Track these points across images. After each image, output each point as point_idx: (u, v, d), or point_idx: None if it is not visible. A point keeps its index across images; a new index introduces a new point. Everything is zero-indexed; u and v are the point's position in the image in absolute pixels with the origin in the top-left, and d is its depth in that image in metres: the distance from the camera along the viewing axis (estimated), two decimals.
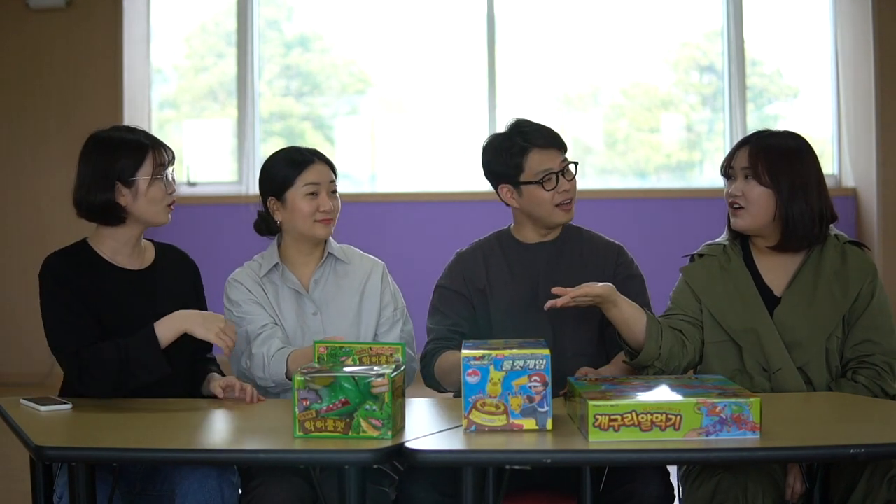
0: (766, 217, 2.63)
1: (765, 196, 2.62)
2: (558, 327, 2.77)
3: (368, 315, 2.87)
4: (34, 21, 6.30)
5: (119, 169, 2.60)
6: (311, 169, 2.84)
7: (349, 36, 6.85)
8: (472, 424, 2.17)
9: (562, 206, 2.80)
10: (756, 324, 2.61)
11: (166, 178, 2.65)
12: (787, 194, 2.61)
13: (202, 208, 6.31)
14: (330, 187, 2.85)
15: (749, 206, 2.64)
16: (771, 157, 2.63)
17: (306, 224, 2.81)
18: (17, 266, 6.26)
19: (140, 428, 2.35)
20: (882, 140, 6.17)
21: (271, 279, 2.86)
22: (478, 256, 2.89)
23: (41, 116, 6.31)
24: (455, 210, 6.40)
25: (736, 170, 2.67)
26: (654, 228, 6.25)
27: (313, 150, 2.91)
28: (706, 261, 2.73)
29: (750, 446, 2.05)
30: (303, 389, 2.14)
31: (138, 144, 2.63)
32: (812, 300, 2.62)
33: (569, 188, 2.81)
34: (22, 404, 2.53)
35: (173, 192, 2.68)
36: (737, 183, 2.66)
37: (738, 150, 2.69)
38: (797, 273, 2.66)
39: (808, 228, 2.62)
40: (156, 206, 2.63)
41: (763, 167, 2.62)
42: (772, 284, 2.67)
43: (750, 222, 2.65)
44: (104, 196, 2.60)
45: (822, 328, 2.60)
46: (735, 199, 2.67)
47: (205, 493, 2.39)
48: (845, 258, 2.65)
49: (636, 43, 6.73)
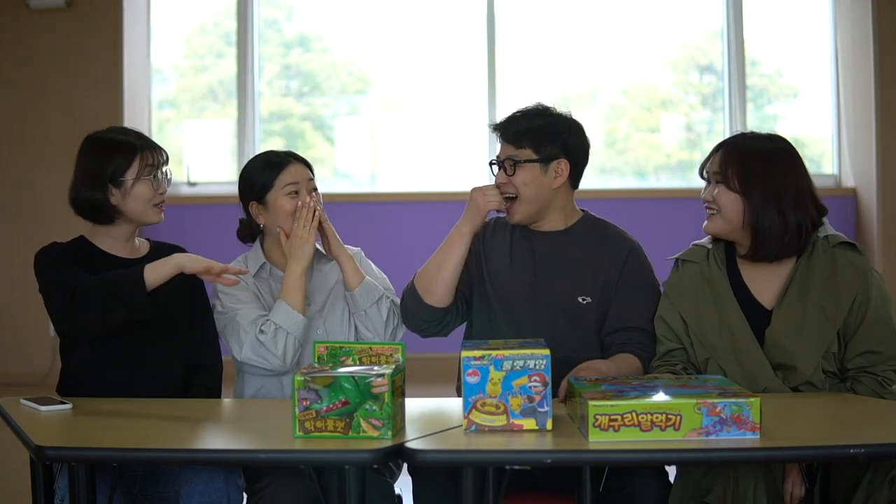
0: (736, 223, 2.58)
1: (735, 202, 2.57)
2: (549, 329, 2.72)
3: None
4: (34, 21, 6.30)
5: (110, 169, 2.66)
6: (288, 170, 2.88)
7: (349, 36, 6.84)
8: (472, 424, 2.17)
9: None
10: (737, 344, 2.56)
11: (156, 177, 2.69)
12: (757, 202, 2.54)
13: (202, 208, 6.31)
14: (309, 186, 2.89)
15: (720, 210, 2.60)
16: (743, 162, 2.57)
17: (289, 223, 2.84)
18: (17, 266, 6.25)
19: (140, 428, 2.35)
20: (882, 140, 6.17)
21: (261, 277, 2.91)
22: (488, 227, 2.92)
23: (41, 116, 6.30)
24: (455, 210, 6.37)
25: (709, 173, 2.64)
26: (653, 228, 6.22)
27: (289, 152, 2.96)
28: (688, 270, 2.68)
29: (750, 446, 2.05)
30: (303, 389, 2.14)
31: (128, 145, 2.68)
32: (803, 318, 2.54)
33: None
34: (22, 404, 2.53)
35: (164, 191, 2.72)
36: (709, 187, 2.64)
37: (714, 153, 2.65)
38: (787, 287, 2.58)
39: (779, 238, 2.54)
40: (143, 206, 2.68)
41: (733, 173, 2.57)
42: (760, 297, 2.61)
43: (721, 227, 2.61)
44: (96, 195, 2.66)
45: (816, 348, 2.53)
46: (707, 204, 2.64)
47: (210, 494, 2.39)
48: (836, 264, 2.56)
49: (636, 43, 6.73)
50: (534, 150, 2.78)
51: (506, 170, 2.78)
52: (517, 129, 2.79)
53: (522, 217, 2.81)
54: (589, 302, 2.76)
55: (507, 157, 2.79)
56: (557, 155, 2.79)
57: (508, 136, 2.80)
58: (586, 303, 2.76)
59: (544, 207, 2.81)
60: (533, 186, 2.78)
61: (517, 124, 2.80)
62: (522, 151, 2.78)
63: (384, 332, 2.85)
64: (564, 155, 2.80)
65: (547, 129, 2.79)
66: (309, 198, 2.84)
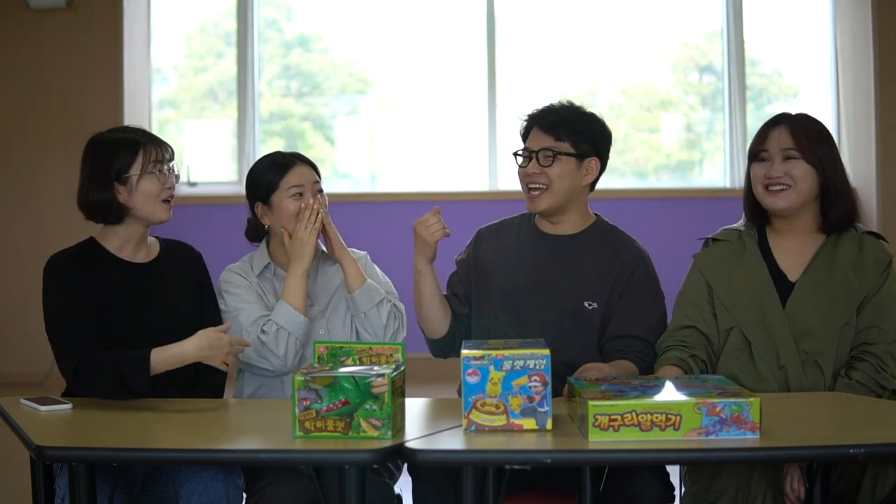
0: (810, 195, 2.63)
1: (810, 174, 2.61)
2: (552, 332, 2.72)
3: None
4: (34, 21, 6.30)
5: (115, 168, 2.64)
6: (293, 171, 2.88)
7: (349, 36, 6.84)
8: (472, 424, 2.17)
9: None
10: (767, 318, 2.60)
11: (162, 172, 2.67)
12: (831, 171, 2.62)
13: (202, 208, 6.31)
14: (314, 188, 2.89)
15: (795, 184, 2.61)
16: (812, 136, 2.63)
17: (293, 224, 2.84)
18: (18, 266, 6.26)
19: (140, 428, 2.35)
20: (882, 140, 6.17)
21: (265, 276, 2.91)
22: (492, 232, 2.92)
23: (41, 116, 6.31)
24: (455, 210, 6.37)
25: (772, 151, 2.64)
26: (653, 228, 6.23)
27: (295, 154, 2.96)
28: (720, 246, 2.71)
29: (750, 446, 2.05)
30: (303, 389, 2.14)
31: (130, 142, 2.67)
32: (827, 288, 2.60)
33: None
34: (22, 404, 2.53)
35: (171, 186, 2.70)
36: (776, 164, 2.63)
37: (772, 129, 2.66)
38: (813, 259, 2.65)
39: (850, 203, 2.64)
40: (151, 202, 2.66)
41: (808, 144, 2.62)
42: (787, 270, 2.66)
43: (795, 200, 2.63)
44: (103, 195, 2.64)
45: (837, 316, 2.58)
46: (776, 181, 2.63)
47: (210, 494, 2.39)
48: (862, 247, 2.64)
49: (636, 43, 6.73)
50: (572, 144, 2.77)
51: (539, 160, 2.77)
52: (557, 121, 2.77)
53: (547, 206, 2.79)
54: (595, 308, 2.76)
55: (543, 148, 2.77)
56: (591, 153, 2.79)
57: (546, 127, 2.78)
58: (592, 308, 2.76)
59: (569, 203, 2.80)
60: (567, 180, 2.77)
61: (557, 115, 2.79)
62: (561, 144, 2.76)
63: (384, 335, 2.85)
64: (596, 154, 2.81)
65: (586, 125, 2.79)
66: (313, 200, 2.84)
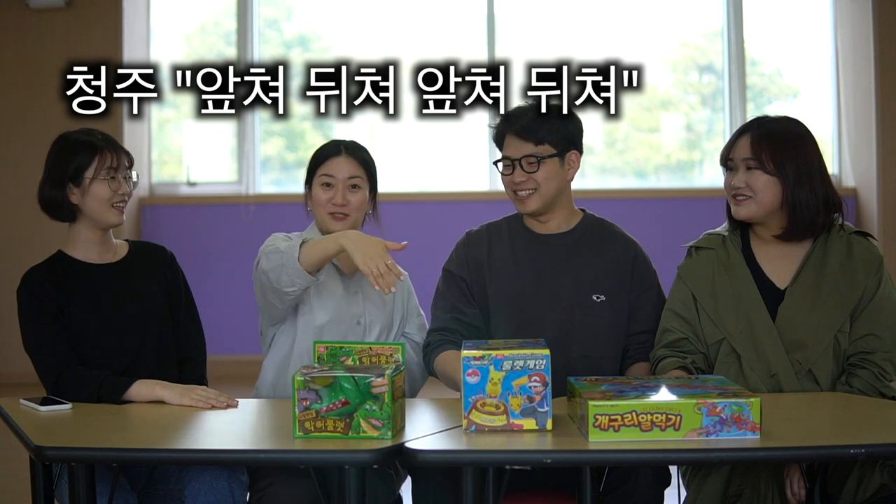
0: (772, 206, 2.58)
1: (770, 184, 2.56)
2: (565, 326, 2.75)
3: (399, 304, 2.94)
4: (34, 21, 6.30)
5: (71, 168, 2.69)
6: (330, 162, 2.89)
7: (349, 36, 6.84)
8: (472, 424, 2.17)
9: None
10: (755, 329, 2.56)
11: (115, 179, 2.71)
12: (793, 181, 2.55)
13: (202, 208, 6.30)
14: (348, 183, 2.87)
15: (755, 195, 2.57)
16: (774, 143, 2.57)
17: (320, 214, 2.87)
18: (16, 266, 6.22)
19: (140, 428, 2.36)
20: (882, 140, 6.17)
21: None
22: (483, 237, 2.89)
23: (41, 116, 6.30)
24: (455, 210, 6.40)
25: (736, 161, 2.61)
26: (653, 228, 6.23)
27: (343, 144, 2.93)
28: (704, 256, 2.67)
29: (750, 446, 2.05)
30: (303, 389, 2.14)
31: (90, 145, 2.72)
32: (818, 296, 2.56)
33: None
34: (22, 404, 2.54)
35: (125, 193, 2.73)
36: (739, 174, 2.60)
37: (738, 139, 2.62)
38: (802, 266, 2.59)
39: (813, 215, 2.56)
40: (101, 205, 2.70)
41: (767, 155, 2.56)
42: (774, 277, 2.61)
43: (755, 211, 2.59)
44: (57, 193, 2.70)
45: (829, 326, 2.54)
46: (738, 191, 2.60)
47: (215, 493, 2.40)
48: (851, 249, 2.58)
49: (635, 43, 6.72)
50: (552, 145, 2.77)
51: (523, 167, 2.76)
52: (531, 125, 2.76)
53: (537, 206, 2.79)
54: (603, 300, 2.76)
55: (526, 156, 2.76)
56: (570, 147, 2.80)
57: (523, 132, 2.76)
58: (600, 300, 2.76)
59: (557, 199, 2.81)
60: (555, 181, 2.78)
61: (529, 118, 2.77)
62: (542, 148, 2.76)
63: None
64: (575, 146, 2.81)
65: (560, 121, 2.79)
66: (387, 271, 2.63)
